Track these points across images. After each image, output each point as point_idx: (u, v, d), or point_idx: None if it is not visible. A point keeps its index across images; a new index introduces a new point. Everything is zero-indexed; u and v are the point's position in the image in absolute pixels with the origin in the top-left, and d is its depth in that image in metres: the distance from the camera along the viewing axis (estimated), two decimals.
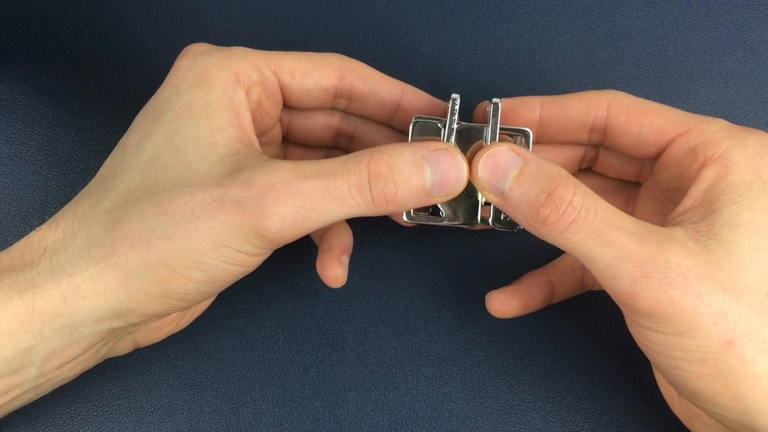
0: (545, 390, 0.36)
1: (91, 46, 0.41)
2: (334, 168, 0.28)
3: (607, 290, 0.28)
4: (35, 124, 0.40)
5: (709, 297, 0.27)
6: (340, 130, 0.36)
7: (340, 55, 0.34)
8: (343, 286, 0.34)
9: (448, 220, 0.32)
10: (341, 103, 0.34)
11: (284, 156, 0.37)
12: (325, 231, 0.36)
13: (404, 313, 0.38)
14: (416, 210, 0.32)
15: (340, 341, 0.37)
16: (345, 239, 0.35)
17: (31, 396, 0.30)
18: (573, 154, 0.35)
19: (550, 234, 0.28)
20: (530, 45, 0.41)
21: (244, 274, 0.30)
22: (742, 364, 0.27)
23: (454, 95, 0.31)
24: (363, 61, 0.34)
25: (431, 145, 0.29)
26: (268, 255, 0.30)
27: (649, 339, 0.28)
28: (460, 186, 0.29)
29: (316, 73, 0.33)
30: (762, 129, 0.31)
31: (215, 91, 0.30)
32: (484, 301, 0.37)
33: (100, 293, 0.28)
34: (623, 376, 0.37)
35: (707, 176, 0.29)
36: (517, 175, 0.29)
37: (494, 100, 0.31)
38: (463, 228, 0.35)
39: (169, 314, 0.31)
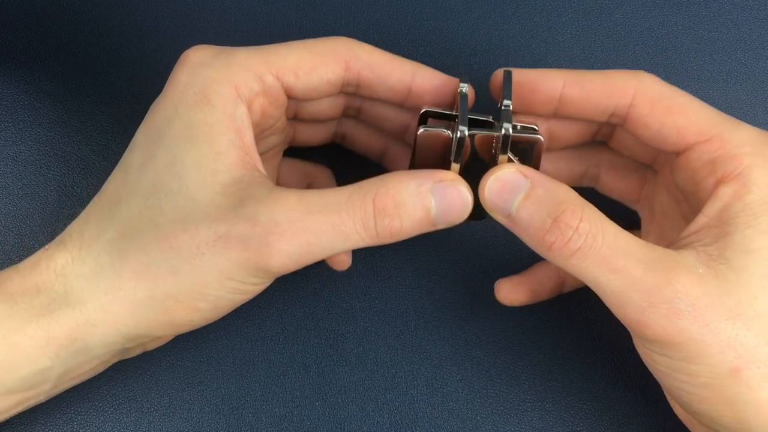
0: (545, 390, 0.36)
1: (91, 46, 0.41)
2: (339, 202, 0.28)
3: (614, 314, 0.28)
4: (35, 124, 0.40)
5: (718, 326, 0.26)
6: (348, 105, 0.35)
7: (344, 39, 0.32)
8: (348, 268, 0.34)
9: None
10: (349, 89, 0.33)
11: (291, 136, 0.36)
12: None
13: (404, 313, 0.38)
14: None
15: (340, 341, 0.37)
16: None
17: (42, 400, 0.32)
18: (586, 128, 0.34)
19: (556, 259, 0.28)
20: (530, 45, 0.41)
21: (247, 300, 0.31)
22: (748, 391, 0.27)
23: (462, 87, 0.31)
24: None
25: (436, 175, 0.29)
26: (270, 282, 0.30)
27: (655, 360, 0.29)
28: (463, 216, 0.29)
29: (321, 69, 0.32)
30: (762, 129, 0.31)
31: (216, 110, 0.29)
32: (484, 301, 0.37)
33: (110, 322, 0.29)
34: (623, 376, 0.37)
35: (724, 194, 0.29)
36: (523, 199, 0.28)
37: (506, 71, 0.30)
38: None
39: (178, 334, 0.32)
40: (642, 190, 0.35)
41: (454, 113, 0.32)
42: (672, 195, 0.34)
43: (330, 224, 0.28)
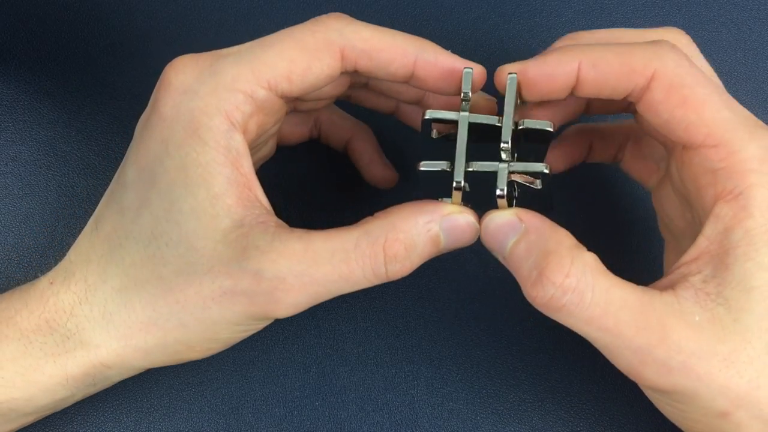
0: (545, 390, 0.36)
1: (91, 46, 0.41)
2: (347, 250, 0.27)
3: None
4: (35, 124, 0.40)
5: (710, 377, 0.26)
6: (354, 82, 0.34)
7: (336, 23, 0.30)
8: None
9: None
10: (349, 73, 0.31)
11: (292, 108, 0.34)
12: (353, 145, 0.37)
13: (404, 313, 0.38)
14: None
15: (340, 341, 0.37)
16: (374, 144, 0.37)
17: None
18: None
19: (541, 311, 0.27)
20: (530, 45, 0.41)
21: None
22: (738, 429, 0.27)
23: (465, 91, 0.29)
24: None
25: (443, 209, 0.29)
26: None
27: (649, 393, 0.30)
28: (472, 242, 0.29)
29: (315, 68, 0.29)
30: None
31: (208, 148, 0.28)
32: (484, 301, 0.37)
33: (125, 365, 0.30)
34: (623, 376, 0.37)
35: (724, 214, 0.27)
36: (514, 244, 0.28)
37: (510, 75, 0.29)
38: None
39: None
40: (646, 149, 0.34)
41: (456, 119, 0.29)
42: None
43: (338, 274, 0.27)
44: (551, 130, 0.29)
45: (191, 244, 0.28)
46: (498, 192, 0.28)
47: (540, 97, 0.30)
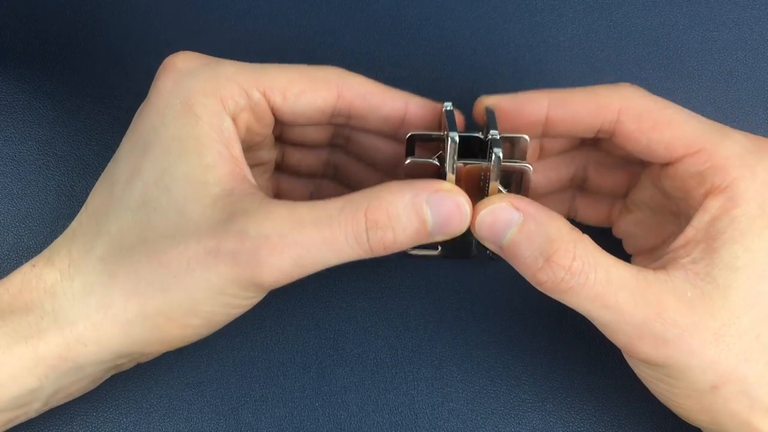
0: (545, 390, 0.36)
1: (91, 46, 0.41)
2: (330, 215, 0.28)
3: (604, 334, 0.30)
4: (35, 124, 0.40)
5: (702, 351, 0.28)
6: (336, 133, 0.35)
7: (338, 69, 0.32)
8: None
9: (445, 254, 0.32)
10: (339, 120, 0.33)
11: (280, 157, 0.36)
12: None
13: (404, 313, 0.38)
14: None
15: (340, 341, 0.37)
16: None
17: (32, 416, 0.31)
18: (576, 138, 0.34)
19: (547, 293, 0.29)
20: (531, 45, 0.41)
21: (242, 313, 0.30)
22: (725, 403, 0.28)
23: (446, 105, 0.30)
24: (364, 59, 0.34)
25: (432, 186, 0.28)
26: (264, 296, 0.30)
27: (641, 370, 0.31)
28: (463, 228, 0.29)
29: (310, 94, 0.31)
30: (762, 129, 0.31)
31: (202, 123, 0.29)
32: (484, 301, 0.37)
33: (102, 341, 0.29)
34: (623, 376, 0.37)
35: (712, 207, 0.29)
36: (515, 234, 0.28)
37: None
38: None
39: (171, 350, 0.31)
40: (630, 184, 0.35)
41: (441, 134, 0.31)
42: (657, 193, 0.34)
43: (321, 238, 0.27)
44: (527, 139, 0.31)
45: (180, 208, 0.28)
46: (495, 152, 0.29)
47: (513, 130, 0.32)
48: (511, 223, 0.28)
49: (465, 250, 0.32)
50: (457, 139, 0.29)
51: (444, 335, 0.37)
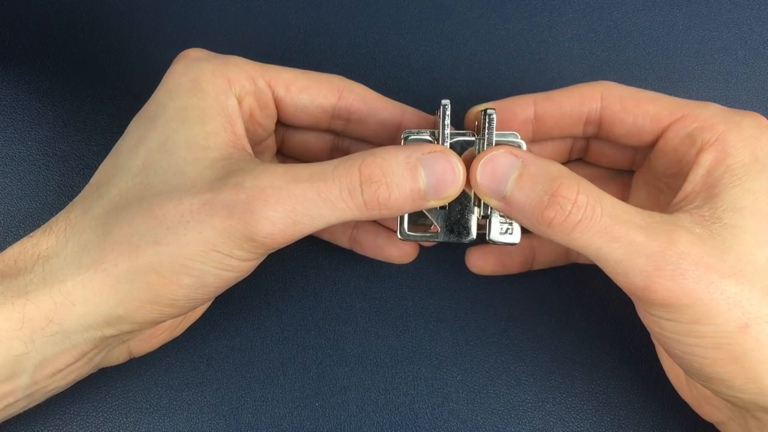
0: (545, 390, 0.36)
1: (91, 46, 0.41)
2: (326, 171, 0.28)
3: (618, 284, 0.28)
4: (35, 123, 0.40)
5: (722, 284, 0.27)
6: (336, 146, 0.36)
7: (340, 76, 0.33)
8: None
9: (444, 238, 0.32)
10: (339, 123, 0.34)
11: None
12: (357, 236, 0.36)
13: (404, 313, 0.38)
14: (411, 228, 0.32)
15: (340, 341, 0.37)
16: (377, 228, 0.36)
17: (24, 404, 0.30)
18: (562, 146, 0.35)
19: (557, 235, 0.28)
20: (530, 45, 0.41)
21: (237, 280, 0.30)
22: (758, 347, 0.27)
23: (444, 101, 0.31)
24: (364, 59, 0.34)
25: (426, 147, 0.28)
26: (260, 260, 0.30)
27: (662, 327, 0.28)
28: (456, 189, 0.29)
29: (313, 90, 0.33)
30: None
31: (208, 96, 0.30)
32: (484, 301, 0.37)
33: (91, 299, 0.28)
34: (624, 376, 0.37)
35: (705, 160, 0.29)
36: (517, 178, 0.28)
37: (488, 111, 0.30)
38: (460, 243, 0.35)
39: (162, 321, 0.30)
40: (622, 196, 0.35)
41: (435, 131, 0.31)
42: (649, 188, 0.34)
43: (315, 191, 0.28)
44: (517, 135, 0.31)
45: (180, 169, 0.28)
46: (488, 113, 0.30)
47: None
48: (511, 168, 0.28)
49: (464, 230, 0.31)
50: (448, 103, 0.30)
51: (444, 335, 0.37)
